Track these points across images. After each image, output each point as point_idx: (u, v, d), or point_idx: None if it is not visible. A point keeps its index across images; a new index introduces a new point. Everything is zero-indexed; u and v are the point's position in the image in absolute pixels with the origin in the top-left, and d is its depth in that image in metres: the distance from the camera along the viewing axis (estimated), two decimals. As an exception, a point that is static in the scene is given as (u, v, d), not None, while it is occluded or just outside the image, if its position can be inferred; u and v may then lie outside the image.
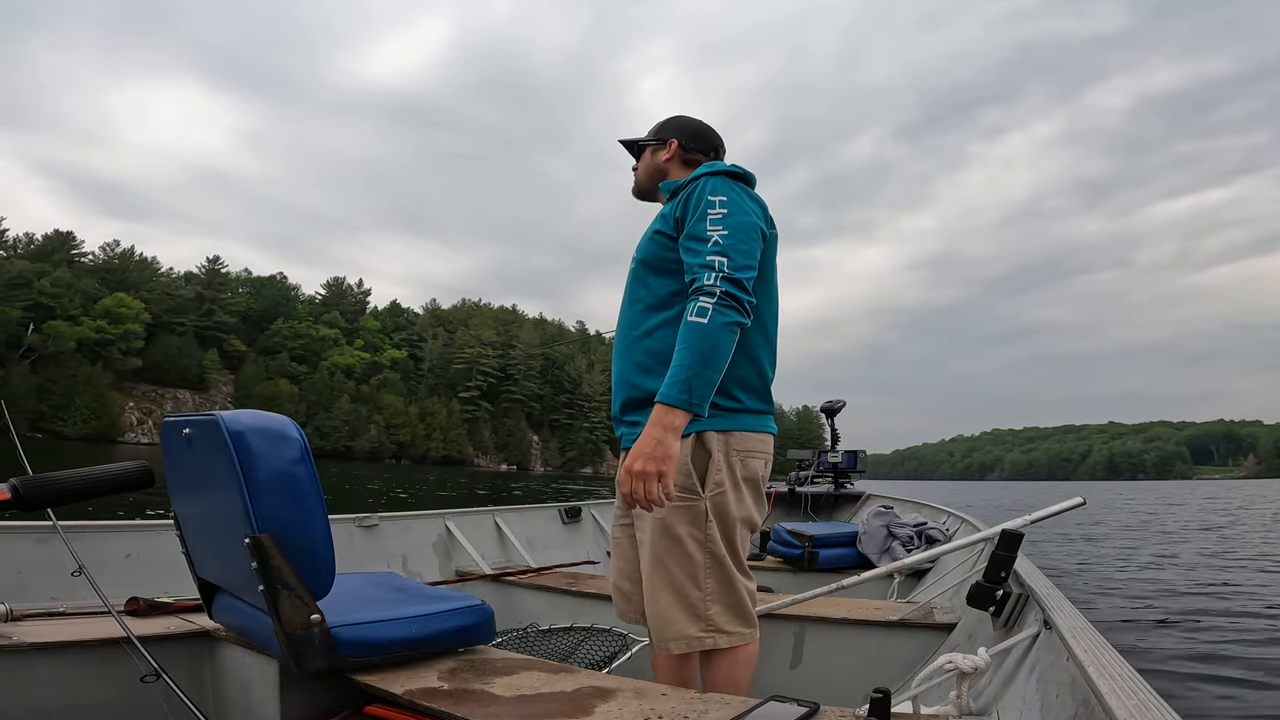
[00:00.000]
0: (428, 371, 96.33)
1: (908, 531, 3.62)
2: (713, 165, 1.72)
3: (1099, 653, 0.98)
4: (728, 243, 1.52)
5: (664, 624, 1.56)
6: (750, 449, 1.61)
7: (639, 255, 1.72)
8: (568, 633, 2.42)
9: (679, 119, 1.91)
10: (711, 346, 1.45)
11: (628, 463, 1.44)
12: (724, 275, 1.49)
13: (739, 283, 1.50)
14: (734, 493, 1.58)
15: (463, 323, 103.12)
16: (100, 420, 65.21)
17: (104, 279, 74.36)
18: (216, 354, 79.36)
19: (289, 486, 1.33)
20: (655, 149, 1.87)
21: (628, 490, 1.43)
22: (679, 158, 1.85)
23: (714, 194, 1.58)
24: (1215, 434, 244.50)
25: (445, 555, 3.27)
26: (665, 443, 1.42)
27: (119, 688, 1.55)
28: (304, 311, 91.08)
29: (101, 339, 68.97)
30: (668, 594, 1.56)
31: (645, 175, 1.89)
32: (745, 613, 1.60)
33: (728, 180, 1.64)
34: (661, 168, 1.86)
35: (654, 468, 1.41)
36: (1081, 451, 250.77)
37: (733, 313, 1.48)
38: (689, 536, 1.55)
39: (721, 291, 1.47)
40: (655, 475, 1.41)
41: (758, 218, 1.62)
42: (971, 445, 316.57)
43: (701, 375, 1.44)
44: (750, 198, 1.65)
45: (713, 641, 1.55)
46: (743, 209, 1.59)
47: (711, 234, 1.53)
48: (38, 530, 2.09)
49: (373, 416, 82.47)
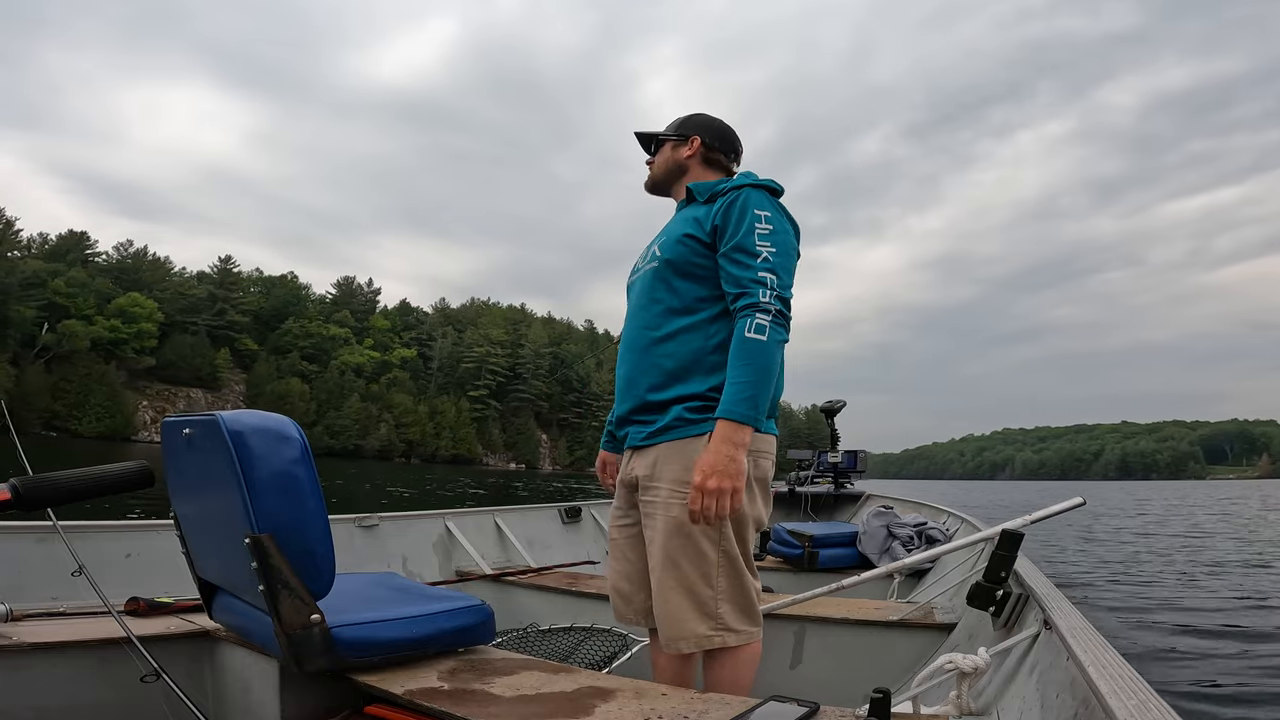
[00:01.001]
0: (437, 370, 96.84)
1: (908, 531, 3.62)
2: (751, 177, 1.70)
3: (1099, 653, 0.98)
4: (777, 261, 1.54)
5: (674, 623, 1.55)
6: (761, 450, 1.61)
7: (666, 255, 1.68)
8: (568, 633, 2.41)
9: (702, 116, 1.87)
10: (769, 364, 1.47)
11: (698, 480, 1.43)
12: (777, 294, 1.51)
13: (788, 303, 1.53)
14: (747, 492, 1.58)
15: (472, 322, 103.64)
16: (114, 419, 65.65)
17: (117, 278, 75.16)
18: (229, 353, 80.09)
19: (289, 486, 1.33)
20: (676, 144, 1.83)
21: (698, 507, 1.42)
22: (701, 156, 1.82)
23: (760, 208, 1.58)
24: (1229, 433, 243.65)
25: (445, 555, 3.27)
26: (738, 460, 1.43)
27: (119, 688, 1.55)
28: (315, 311, 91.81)
29: (115, 338, 69.74)
30: (678, 593, 1.55)
31: (663, 170, 1.85)
32: (753, 611, 1.60)
33: (770, 197, 1.64)
34: (682, 164, 1.83)
35: (729, 484, 1.42)
36: (1094, 451, 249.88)
37: (784, 331, 1.51)
38: (704, 535, 1.54)
39: (776, 310, 1.50)
40: (730, 492, 1.42)
41: (796, 239, 1.65)
42: (982, 445, 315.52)
43: (763, 392, 1.47)
44: (789, 218, 1.66)
45: (721, 640, 1.54)
46: (785, 229, 1.60)
47: (761, 250, 1.54)
48: (38, 530, 2.09)
49: (382, 415, 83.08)
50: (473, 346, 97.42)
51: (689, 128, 1.84)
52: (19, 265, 66.41)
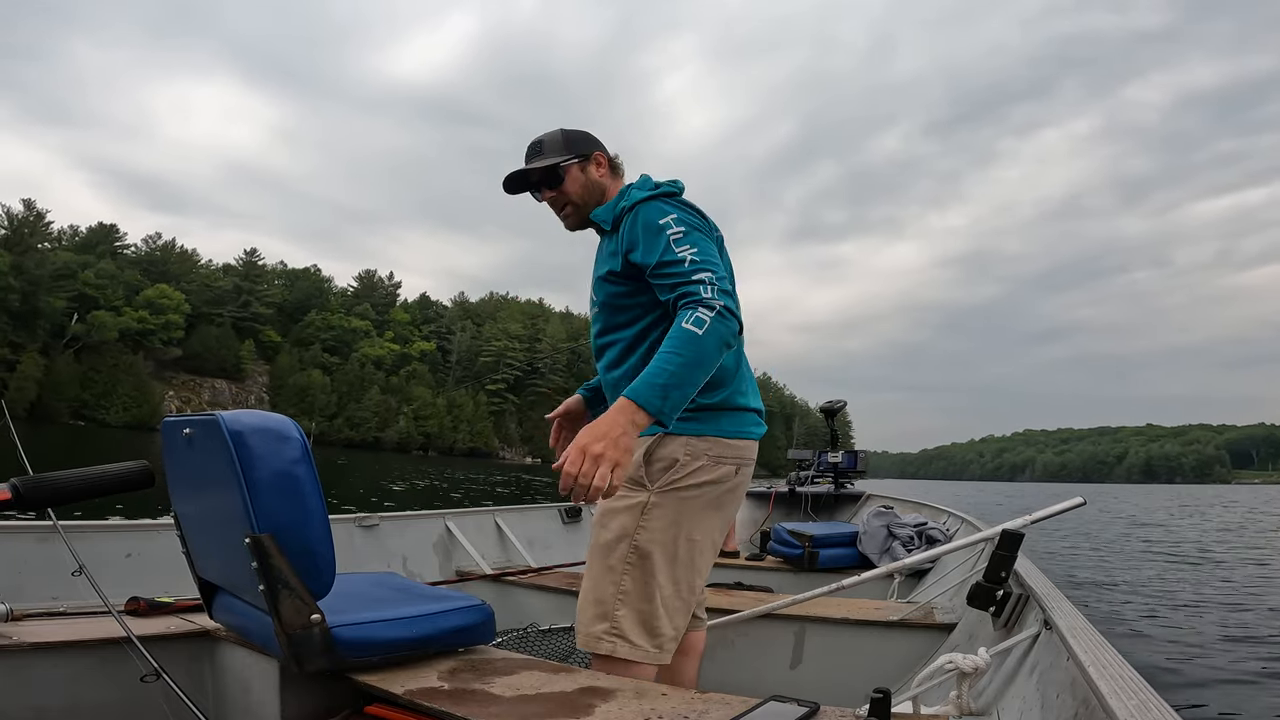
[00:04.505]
0: (455, 364, 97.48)
1: (908, 532, 3.62)
2: (643, 187, 1.62)
3: (1099, 653, 0.98)
4: (705, 260, 1.43)
5: (578, 613, 1.52)
6: (725, 454, 1.55)
7: (599, 298, 1.63)
8: (568, 633, 2.41)
9: (577, 131, 1.72)
10: (699, 358, 1.33)
11: (584, 441, 1.26)
12: (720, 289, 1.39)
13: (733, 299, 1.41)
14: (704, 510, 1.52)
15: (490, 316, 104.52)
16: (141, 409, 66.21)
17: (146, 270, 76.27)
18: (253, 344, 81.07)
19: (289, 486, 1.33)
20: (583, 164, 1.69)
21: (575, 470, 1.24)
22: (610, 170, 1.71)
23: (663, 217, 1.49)
24: (1256, 437, 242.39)
25: (445, 555, 3.27)
26: (629, 435, 1.28)
27: (119, 687, 1.55)
28: (336, 303, 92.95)
29: (143, 329, 70.91)
30: (585, 584, 1.52)
31: (585, 193, 1.69)
32: (657, 630, 1.47)
33: (668, 200, 1.54)
34: (601, 184, 1.69)
35: (614, 454, 1.25)
36: (1117, 454, 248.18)
37: (726, 329, 1.36)
38: (619, 527, 1.49)
39: (721, 306, 1.37)
40: (612, 463, 1.25)
41: (710, 233, 1.55)
42: (1002, 446, 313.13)
43: (681, 387, 1.32)
44: (694, 211, 1.56)
45: (611, 647, 1.44)
46: (697, 226, 1.51)
47: (683, 255, 1.44)
48: (38, 530, 2.09)
49: (402, 408, 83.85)
50: (491, 340, 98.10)
51: (583, 145, 1.70)
52: (50, 257, 67.40)
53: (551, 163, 1.66)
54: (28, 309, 62.07)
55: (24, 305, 61.62)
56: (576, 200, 1.69)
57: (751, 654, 2.31)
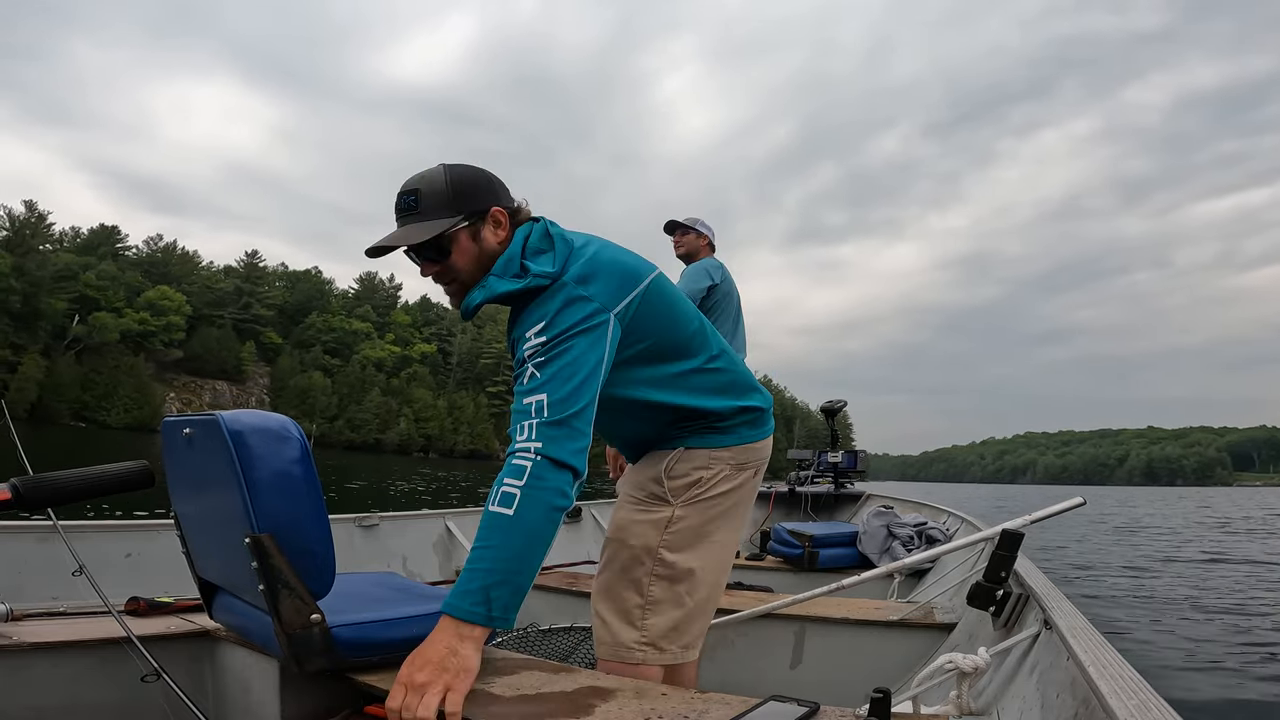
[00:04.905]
0: (456, 366, 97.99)
1: (908, 531, 3.62)
2: (537, 259, 1.28)
3: (1099, 653, 0.98)
4: (547, 373, 1.20)
5: (599, 626, 1.49)
6: (743, 460, 1.52)
7: None
8: (568, 633, 2.41)
9: (467, 172, 1.33)
10: (519, 545, 1.15)
11: (406, 671, 1.12)
12: (543, 422, 1.17)
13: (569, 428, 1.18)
14: (723, 518, 1.50)
15: (491, 318, 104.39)
16: (142, 410, 66.49)
17: (147, 272, 76.73)
18: (254, 346, 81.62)
19: (289, 486, 1.32)
20: (476, 227, 1.31)
21: (397, 705, 1.08)
22: (510, 227, 1.35)
23: (532, 325, 1.24)
24: (1258, 440, 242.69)
25: (445, 555, 3.27)
26: (460, 654, 1.13)
27: (119, 687, 1.55)
28: (337, 305, 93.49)
29: (144, 330, 71.32)
30: (604, 597, 1.48)
31: (477, 268, 1.33)
32: (686, 631, 1.45)
33: (555, 293, 1.24)
34: (497, 251, 1.33)
35: (442, 680, 1.10)
36: (1118, 456, 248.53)
37: (549, 488, 1.15)
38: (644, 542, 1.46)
39: (538, 459, 1.16)
40: (440, 689, 1.09)
41: (627, 292, 1.28)
42: (1003, 448, 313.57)
43: (507, 581, 1.14)
44: (606, 290, 1.25)
45: (643, 656, 1.42)
46: (567, 319, 1.22)
47: (523, 372, 1.23)
48: (38, 530, 2.09)
49: (402, 410, 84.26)
50: (491, 343, 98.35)
51: (475, 199, 1.30)
52: (51, 258, 67.81)
53: (432, 235, 1.28)
54: (29, 310, 62.38)
55: (25, 307, 61.94)
56: (465, 278, 1.34)
57: (751, 654, 2.31)
